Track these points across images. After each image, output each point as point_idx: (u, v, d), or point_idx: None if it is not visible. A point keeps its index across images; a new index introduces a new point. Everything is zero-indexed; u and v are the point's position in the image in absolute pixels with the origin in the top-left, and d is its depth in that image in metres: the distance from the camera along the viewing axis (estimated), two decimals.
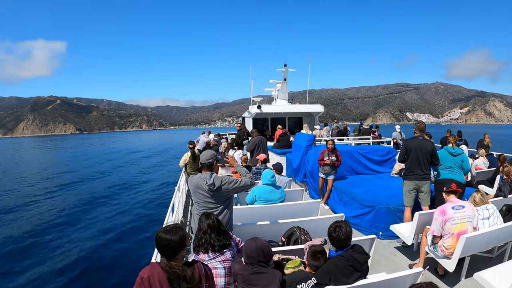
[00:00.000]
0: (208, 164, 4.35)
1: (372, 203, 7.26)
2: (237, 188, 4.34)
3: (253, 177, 4.54)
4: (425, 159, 6.44)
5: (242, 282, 3.28)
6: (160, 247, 2.71)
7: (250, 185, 4.40)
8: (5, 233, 16.89)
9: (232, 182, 4.28)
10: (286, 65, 19.71)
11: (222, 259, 3.42)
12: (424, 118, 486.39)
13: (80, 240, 15.82)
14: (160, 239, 2.70)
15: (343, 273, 3.23)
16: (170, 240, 2.69)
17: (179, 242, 2.72)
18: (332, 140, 9.44)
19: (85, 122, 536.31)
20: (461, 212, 4.74)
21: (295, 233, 5.01)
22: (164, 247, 2.70)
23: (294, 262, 3.71)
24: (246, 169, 4.64)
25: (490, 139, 11.85)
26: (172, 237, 2.70)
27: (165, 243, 2.68)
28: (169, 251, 2.71)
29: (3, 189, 30.78)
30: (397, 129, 16.95)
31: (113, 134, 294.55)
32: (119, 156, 64.67)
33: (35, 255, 13.92)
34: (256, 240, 3.36)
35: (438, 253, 4.86)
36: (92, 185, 31.78)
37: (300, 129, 17.57)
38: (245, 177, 4.44)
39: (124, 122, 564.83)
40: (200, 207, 4.32)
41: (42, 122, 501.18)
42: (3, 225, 18.49)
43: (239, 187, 4.32)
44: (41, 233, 16.77)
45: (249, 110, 19.30)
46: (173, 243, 2.69)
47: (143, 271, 2.69)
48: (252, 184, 4.42)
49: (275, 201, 6.48)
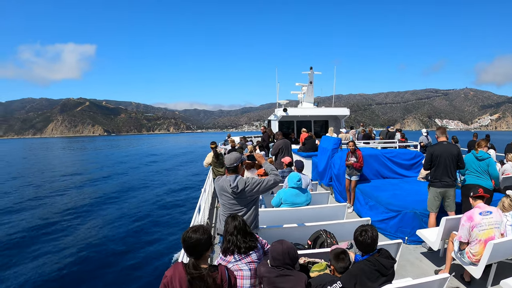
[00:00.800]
0: (233, 168, 4.38)
1: (398, 208, 7.22)
2: (262, 189, 4.34)
3: (279, 174, 4.56)
4: (451, 165, 6.34)
5: (268, 284, 3.30)
6: (188, 247, 2.80)
7: (275, 184, 4.38)
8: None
9: (256, 184, 4.31)
10: (312, 68, 19.65)
11: (248, 260, 3.42)
12: (453, 125, 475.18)
13: (105, 239, 16.30)
14: (189, 238, 2.79)
15: (368, 278, 3.25)
16: (199, 240, 2.79)
17: (206, 242, 2.83)
18: (352, 141, 9.56)
19: (113, 124, 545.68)
20: (489, 218, 4.70)
21: (321, 236, 5.05)
22: (192, 247, 2.79)
23: (320, 266, 3.74)
24: (273, 167, 4.65)
25: None
26: (200, 237, 2.80)
27: (193, 243, 2.78)
28: (197, 251, 2.81)
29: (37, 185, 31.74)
30: (423, 133, 16.73)
31: (140, 136, 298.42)
32: (143, 157, 65.81)
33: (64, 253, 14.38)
34: (282, 243, 3.38)
35: (465, 260, 4.83)
36: (119, 185, 32.55)
37: (326, 132, 17.48)
38: (271, 175, 4.46)
39: (151, 125, 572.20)
40: (226, 209, 4.41)
41: (71, 123, 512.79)
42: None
43: (264, 187, 4.33)
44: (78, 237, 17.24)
45: (275, 113, 19.28)
46: (201, 243, 2.79)
47: (168, 271, 2.79)
48: (278, 182, 4.39)
49: (300, 204, 6.52)
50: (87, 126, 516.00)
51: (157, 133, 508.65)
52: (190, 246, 2.80)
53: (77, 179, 36.81)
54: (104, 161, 59.86)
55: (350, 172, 9.38)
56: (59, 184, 34.20)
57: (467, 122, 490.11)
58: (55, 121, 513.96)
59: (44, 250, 14.89)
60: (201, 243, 2.81)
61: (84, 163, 57.38)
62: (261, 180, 4.38)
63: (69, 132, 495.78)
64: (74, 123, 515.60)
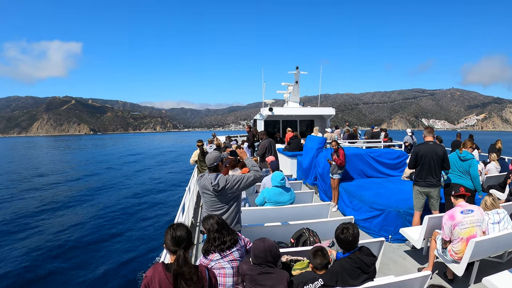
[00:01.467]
0: (214, 167, 4.42)
1: (382, 206, 7.26)
2: (242, 185, 4.38)
3: (260, 170, 4.59)
4: (436, 165, 6.35)
5: (250, 282, 3.30)
6: (174, 241, 2.81)
7: (255, 180, 4.43)
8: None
9: (236, 180, 4.34)
10: (298, 68, 19.66)
11: (230, 259, 3.42)
12: (440, 125, 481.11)
13: (85, 238, 16.15)
14: (174, 231, 2.84)
15: (350, 275, 3.25)
16: (185, 234, 2.86)
17: (189, 238, 2.88)
18: (335, 141, 9.69)
19: (99, 123, 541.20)
20: (470, 216, 4.72)
21: (304, 234, 5.03)
22: (178, 241, 2.80)
23: (302, 264, 3.74)
24: (254, 163, 4.68)
25: (503, 145, 11.73)
26: (184, 233, 2.86)
27: (178, 236, 2.81)
28: (184, 244, 2.83)
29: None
30: (408, 133, 16.87)
31: (126, 135, 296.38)
32: (125, 156, 65.41)
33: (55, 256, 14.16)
34: (264, 241, 3.38)
35: (447, 257, 4.85)
36: (98, 184, 32.31)
37: (311, 132, 17.53)
38: (252, 171, 4.50)
39: (138, 124, 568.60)
40: (208, 207, 4.44)
41: (57, 122, 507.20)
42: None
43: (244, 183, 4.37)
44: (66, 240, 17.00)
45: (260, 112, 19.26)
46: (185, 238, 2.84)
47: (148, 271, 2.77)
48: (258, 178, 4.45)
49: (284, 203, 6.51)
50: (73, 125, 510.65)
51: (143, 132, 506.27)
52: (177, 240, 2.81)
53: (54, 178, 36.39)
54: (86, 160, 59.33)
55: (332, 170, 9.47)
56: (37, 182, 33.81)
57: (453, 122, 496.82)
58: (40, 119, 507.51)
59: (16, 249, 14.64)
60: (185, 238, 2.85)
61: (64, 162, 56.69)
62: (241, 176, 4.40)
63: (55, 131, 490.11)
64: (60, 122, 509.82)
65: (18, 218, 19.76)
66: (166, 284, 2.66)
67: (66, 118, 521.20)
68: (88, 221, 18.96)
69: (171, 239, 2.81)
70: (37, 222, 19.09)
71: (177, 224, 2.97)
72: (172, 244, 2.81)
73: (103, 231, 17.16)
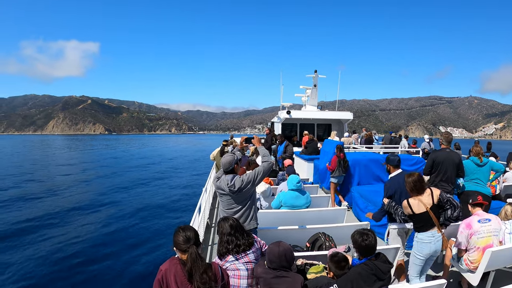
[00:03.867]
0: (229, 171, 4.53)
1: None
2: (257, 181, 4.50)
3: (270, 158, 4.74)
4: (452, 172, 6.33)
5: (264, 285, 3.34)
6: (185, 239, 2.91)
7: (266, 171, 4.54)
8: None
9: (250, 178, 4.44)
10: (317, 71, 19.64)
11: (245, 261, 3.48)
12: (458, 133, 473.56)
13: (101, 236, 16.32)
14: (183, 232, 2.97)
15: (365, 282, 3.26)
16: (193, 234, 2.98)
17: (196, 237, 2.99)
18: (338, 146, 10.04)
19: (115, 123, 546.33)
20: (487, 225, 4.70)
21: (319, 239, 5.07)
22: (188, 239, 2.91)
23: (317, 268, 3.76)
24: (266, 151, 4.82)
25: None
26: (190, 233, 2.98)
27: (188, 235, 2.93)
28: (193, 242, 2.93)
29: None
30: (426, 139, 16.75)
31: (140, 136, 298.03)
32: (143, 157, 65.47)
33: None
34: (279, 245, 3.41)
35: (463, 267, 4.83)
36: (114, 184, 32.52)
37: (328, 136, 17.49)
38: (262, 162, 4.63)
39: (153, 125, 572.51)
40: (224, 206, 4.54)
41: (72, 121, 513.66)
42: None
43: (258, 178, 4.49)
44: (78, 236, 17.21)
45: (278, 115, 19.29)
46: (193, 236, 2.96)
47: (163, 265, 2.86)
48: (267, 168, 4.55)
49: (300, 207, 6.55)
50: (88, 124, 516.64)
51: (158, 133, 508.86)
52: (190, 237, 2.92)
53: (72, 178, 36.79)
54: (102, 160, 59.73)
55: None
56: (61, 179, 34.37)
57: (471, 131, 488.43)
58: (56, 118, 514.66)
59: (38, 246, 14.88)
60: (194, 237, 2.97)
61: (78, 162, 57.28)
62: (253, 173, 4.49)
63: (70, 130, 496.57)
64: (75, 121, 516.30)
65: (40, 217, 20.08)
66: (182, 277, 2.73)
67: (81, 117, 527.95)
68: (100, 222, 19.03)
69: (182, 238, 2.91)
70: (61, 219, 19.41)
71: (185, 226, 3.10)
72: (183, 242, 2.89)
73: (114, 231, 17.31)
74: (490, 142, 13.98)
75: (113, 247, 14.76)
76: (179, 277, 2.72)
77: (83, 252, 14.10)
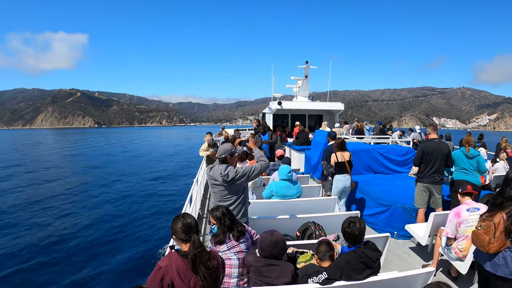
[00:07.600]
0: (223, 159, 4.50)
1: (388, 202, 7.26)
2: (252, 176, 4.49)
3: (267, 161, 4.71)
4: (441, 162, 6.36)
5: (255, 273, 3.37)
6: (186, 228, 2.84)
7: (262, 169, 4.57)
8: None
9: (245, 172, 4.43)
10: (308, 62, 19.62)
11: (236, 250, 3.49)
12: (451, 124, 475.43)
13: (89, 230, 16.04)
14: (183, 219, 2.88)
15: (354, 269, 3.27)
16: (191, 222, 2.89)
17: (196, 225, 2.92)
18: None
19: (105, 116, 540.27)
20: (476, 214, 4.71)
21: (310, 228, 5.09)
22: (189, 228, 2.84)
23: (306, 256, 3.79)
24: (262, 153, 4.81)
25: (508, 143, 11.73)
26: (191, 220, 2.90)
27: (188, 223, 2.85)
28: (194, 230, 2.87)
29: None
30: (417, 130, 16.85)
31: (129, 129, 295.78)
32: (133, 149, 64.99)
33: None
34: (272, 234, 3.42)
35: (452, 255, 4.86)
36: (102, 176, 32.27)
37: (320, 126, 17.51)
38: (259, 161, 4.64)
39: (144, 117, 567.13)
40: (216, 198, 4.51)
41: (61, 115, 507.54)
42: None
43: (253, 174, 4.48)
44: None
45: (269, 106, 19.28)
46: (193, 224, 2.88)
47: (162, 261, 2.72)
48: (264, 168, 4.58)
49: (291, 197, 6.56)
50: (78, 117, 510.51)
51: (149, 126, 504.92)
52: (188, 227, 2.84)
53: (59, 171, 36.48)
54: (91, 152, 59.34)
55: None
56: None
57: (464, 121, 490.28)
58: (45, 112, 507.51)
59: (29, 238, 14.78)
60: (195, 225, 2.90)
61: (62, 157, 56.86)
62: (250, 167, 4.49)
63: (59, 123, 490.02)
64: (64, 115, 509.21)
65: (27, 210, 19.97)
66: (185, 270, 2.61)
67: (70, 110, 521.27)
68: (89, 214, 18.82)
69: (182, 226, 2.82)
70: (48, 211, 19.32)
71: (184, 213, 3.02)
72: (183, 231, 2.82)
73: (107, 223, 17.09)
74: (482, 134, 14.09)
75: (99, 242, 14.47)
76: (182, 270, 2.61)
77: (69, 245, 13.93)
